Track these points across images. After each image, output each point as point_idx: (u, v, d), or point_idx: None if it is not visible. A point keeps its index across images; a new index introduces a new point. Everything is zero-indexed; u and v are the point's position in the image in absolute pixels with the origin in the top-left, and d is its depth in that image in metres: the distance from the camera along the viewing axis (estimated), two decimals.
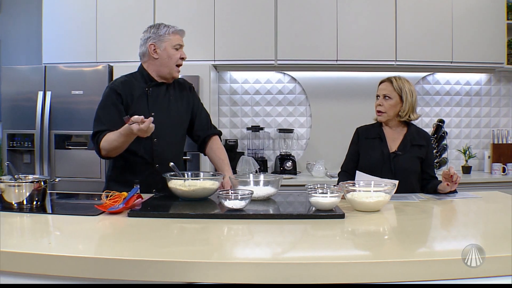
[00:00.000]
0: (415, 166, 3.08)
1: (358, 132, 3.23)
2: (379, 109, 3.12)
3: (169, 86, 3.02)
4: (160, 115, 2.85)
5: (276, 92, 5.27)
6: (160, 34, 2.90)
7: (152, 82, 2.94)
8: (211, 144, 3.10)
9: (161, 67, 2.92)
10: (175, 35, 2.93)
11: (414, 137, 3.12)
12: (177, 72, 2.97)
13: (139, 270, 1.48)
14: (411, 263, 1.50)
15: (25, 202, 2.32)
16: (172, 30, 2.92)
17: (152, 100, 2.91)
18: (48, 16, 4.82)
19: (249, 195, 2.24)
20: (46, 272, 1.53)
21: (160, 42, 2.90)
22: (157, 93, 2.94)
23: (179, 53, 2.94)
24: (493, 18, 4.92)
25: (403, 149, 3.07)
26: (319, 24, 4.82)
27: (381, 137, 3.12)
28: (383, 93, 3.11)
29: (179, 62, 2.94)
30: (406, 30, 4.84)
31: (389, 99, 3.08)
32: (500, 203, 2.75)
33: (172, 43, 2.91)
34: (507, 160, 5.13)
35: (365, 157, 3.11)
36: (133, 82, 2.92)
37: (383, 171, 2.98)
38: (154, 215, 2.17)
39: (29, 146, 4.43)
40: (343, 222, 2.10)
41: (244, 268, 1.48)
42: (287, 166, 4.92)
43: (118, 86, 2.87)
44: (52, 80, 4.43)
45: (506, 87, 5.46)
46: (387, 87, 3.11)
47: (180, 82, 3.12)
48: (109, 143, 2.71)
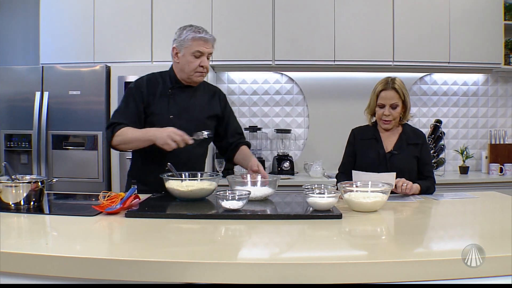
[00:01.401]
0: (411, 165, 3.07)
1: (354, 133, 3.22)
2: (387, 119, 3.05)
3: (197, 91, 2.96)
4: (179, 118, 2.82)
5: (274, 93, 5.27)
6: (181, 38, 2.80)
7: (176, 84, 2.89)
8: (240, 151, 3.05)
9: (181, 71, 2.85)
10: (196, 41, 2.77)
11: (409, 136, 3.12)
12: (198, 77, 2.85)
13: (136, 270, 1.48)
14: (408, 263, 1.50)
15: (23, 202, 2.32)
16: (192, 36, 2.77)
17: (174, 102, 2.86)
18: (45, 17, 4.81)
19: (247, 196, 2.24)
20: (43, 272, 1.53)
21: (180, 47, 2.81)
22: (181, 96, 2.89)
23: (199, 61, 2.79)
24: (491, 18, 4.93)
25: (399, 148, 3.06)
26: (317, 24, 4.82)
27: (376, 138, 3.12)
28: (390, 103, 3.02)
29: (198, 69, 2.81)
30: (403, 31, 4.84)
31: (396, 108, 3.03)
32: (498, 203, 2.76)
33: (191, 49, 2.77)
34: (505, 161, 5.13)
35: (362, 157, 3.11)
36: (159, 81, 2.89)
37: (380, 170, 2.98)
38: (152, 216, 2.17)
39: (26, 146, 4.42)
40: (340, 222, 2.10)
41: (242, 268, 1.49)
42: (285, 167, 4.92)
43: (142, 84, 2.87)
44: (49, 80, 4.42)
45: (504, 88, 5.46)
46: (393, 96, 3.01)
47: (211, 89, 3.07)
48: (123, 137, 2.70)
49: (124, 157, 4.38)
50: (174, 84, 2.89)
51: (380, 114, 3.07)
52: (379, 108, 3.07)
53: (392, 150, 3.06)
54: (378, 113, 3.08)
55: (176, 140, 2.54)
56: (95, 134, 4.37)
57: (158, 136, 2.58)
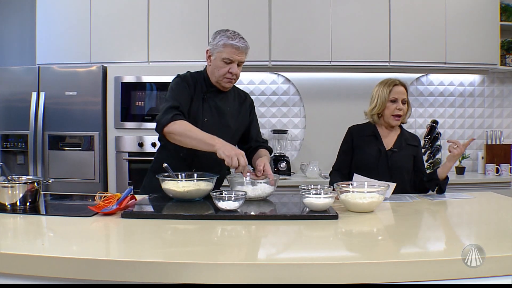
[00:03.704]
0: (409, 163, 3.13)
1: (352, 131, 3.23)
2: (399, 113, 3.09)
3: (229, 96, 2.95)
4: (211, 122, 2.81)
5: (270, 93, 5.27)
6: (214, 42, 2.77)
7: (211, 88, 2.86)
8: (257, 152, 2.99)
9: (211, 75, 2.83)
10: (228, 48, 2.72)
11: (407, 137, 3.19)
12: (226, 83, 2.81)
13: (133, 271, 1.48)
14: (404, 264, 1.51)
15: (19, 203, 2.32)
16: (224, 42, 2.73)
17: (208, 105, 2.84)
18: (41, 17, 4.81)
19: (243, 196, 2.24)
20: (39, 273, 1.53)
21: (213, 51, 2.78)
22: (214, 100, 2.86)
23: (228, 67, 2.75)
24: (487, 19, 4.94)
25: (399, 146, 3.10)
26: (313, 25, 4.82)
27: (376, 135, 3.13)
28: (402, 97, 3.09)
29: (227, 75, 2.77)
30: (400, 31, 4.85)
31: (405, 103, 3.12)
32: (494, 203, 2.77)
33: (221, 55, 2.73)
34: (501, 161, 5.14)
35: (361, 155, 3.12)
36: (197, 81, 2.86)
37: (379, 167, 3.00)
38: (148, 216, 2.17)
39: (22, 147, 4.42)
40: (336, 223, 2.11)
41: (239, 269, 1.49)
42: (281, 167, 4.92)
43: (188, 78, 2.83)
44: (45, 81, 4.41)
45: (500, 88, 5.48)
46: (404, 91, 3.11)
47: (242, 95, 3.06)
48: (184, 129, 2.58)
49: (121, 157, 4.38)
50: (208, 88, 2.87)
51: (392, 109, 3.09)
52: (392, 103, 3.10)
53: (393, 148, 3.08)
54: (391, 108, 3.10)
55: (240, 162, 2.43)
56: (92, 134, 4.37)
57: (225, 147, 2.48)
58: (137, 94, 4.44)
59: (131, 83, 4.44)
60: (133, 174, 4.41)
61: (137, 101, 4.44)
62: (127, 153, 4.41)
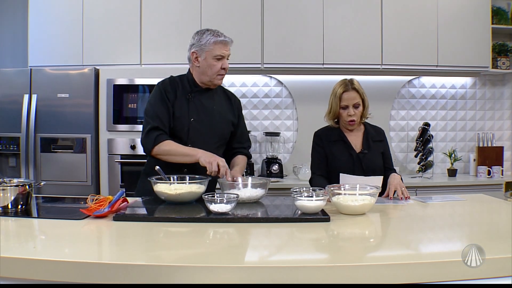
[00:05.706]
0: (380, 161, 3.16)
1: (320, 136, 3.24)
2: (353, 119, 3.10)
3: (215, 95, 3.00)
4: (198, 122, 2.87)
5: (263, 96, 5.27)
6: (202, 43, 2.84)
7: (195, 88, 2.92)
8: (234, 159, 3.07)
9: (202, 75, 2.89)
10: (218, 45, 2.83)
11: (372, 134, 3.20)
12: (219, 80, 2.92)
13: (125, 274, 1.48)
14: (396, 266, 1.51)
15: (10, 206, 2.31)
16: (214, 40, 2.82)
17: (194, 106, 2.89)
18: (34, 19, 4.79)
19: (235, 199, 2.24)
20: (31, 276, 1.53)
21: (201, 51, 2.85)
22: (200, 99, 2.92)
23: (220, 63, 2.84)
24: (478, 22, 4.97)
25: (367, 147, 3.12)
26: (306, 28, 4.83)
27: (343, 139, 3.15)
28: (353, 103, 3.08)
29: (220, 72, 2.87)
30: (392, 34, 4.87)
31: (358, 107, 3.10)
32: (485, 205, 2.78)
33: (212, 53, 2.83)
34: (492, 163, 5.17)
35: (334, 160, 3.12)
36: (179, 84, 2.93)
37: (355, 171, 3.01)
38: (140, 219, 2.17)
39: (14, 149, 4.39)
40: (328, 225, 2.11)
41: (231, 271, 1.49)
42: (274, 170, 4.92)
43: (166, 86, 2.89)
44: (37, 83, 4.39)
45: (491, 91, 5.51)
46: (354, 96, 3.09)
47: (228, 95, 3.11)
48: (168, 150, 2.76)
49: (113, 160, 4.37)
50: (193, 88, 2.92)
51: (345, 116, 3.11)
52: (343, 110, 3.11)
53: (362, 150, 3.10)
54: (343, 115, 3.12)
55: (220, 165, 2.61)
56: (84, 137, 4.35)
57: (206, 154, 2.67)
58: (130, 97, 4.43)
59: (124, 85, 4.43)
60: (125, 176, 4.39)
61: (129, 103, 4.43)
62: (119, 156, 4.40)
